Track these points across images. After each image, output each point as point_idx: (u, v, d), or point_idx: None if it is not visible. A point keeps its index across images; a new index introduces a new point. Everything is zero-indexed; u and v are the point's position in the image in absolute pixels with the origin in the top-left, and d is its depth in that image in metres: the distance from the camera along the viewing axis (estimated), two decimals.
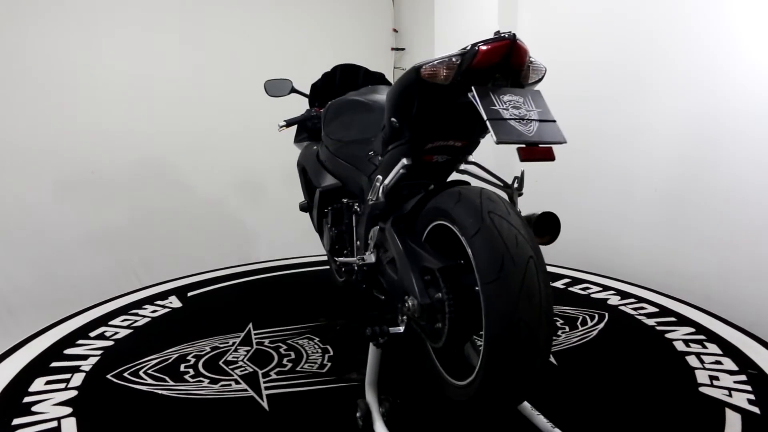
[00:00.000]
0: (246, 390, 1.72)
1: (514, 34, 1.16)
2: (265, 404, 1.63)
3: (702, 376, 1.75)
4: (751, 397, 1.61)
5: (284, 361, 1.93)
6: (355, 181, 1.92)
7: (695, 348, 1.97)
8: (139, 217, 3.48)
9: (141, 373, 1.83)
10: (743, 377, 1.73)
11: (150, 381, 1.77)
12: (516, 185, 1.52)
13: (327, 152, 2.10)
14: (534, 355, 1.15)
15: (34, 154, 3.10)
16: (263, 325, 2.26)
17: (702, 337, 2.06)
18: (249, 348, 2.04)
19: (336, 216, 2.04)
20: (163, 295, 2.64)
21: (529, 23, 3.28)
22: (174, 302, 2.55)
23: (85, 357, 1.95)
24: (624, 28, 2.86)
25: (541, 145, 1.12)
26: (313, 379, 1.80)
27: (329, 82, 2.42)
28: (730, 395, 1.63)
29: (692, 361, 1.87)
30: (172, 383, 1.76)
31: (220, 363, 1.91)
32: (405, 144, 1.53)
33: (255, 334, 2.17)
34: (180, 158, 3.64)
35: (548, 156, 1.11)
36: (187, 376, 1.80)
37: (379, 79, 2.44)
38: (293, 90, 2.46)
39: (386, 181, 1.49)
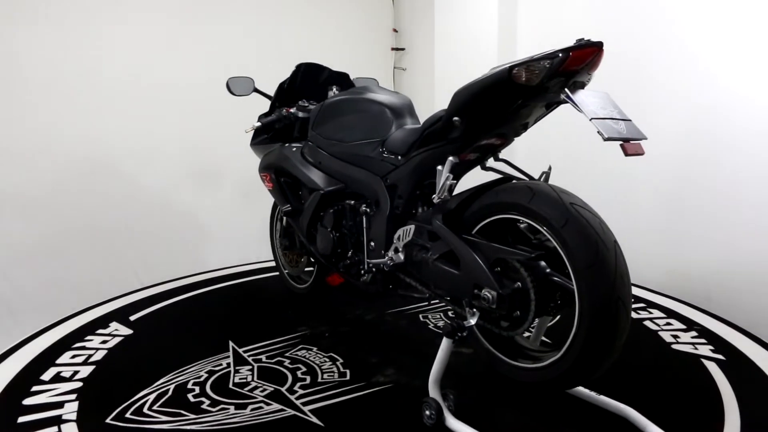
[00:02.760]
0: (284, 410, 1.60)
1: (602, 42, 1.28)
2: (315, 420, 1.54)
3: (666, 336, 2.09)
4: (711, 347, 1.97)
5: (299, 375, 1.82)
6: (363, 183, 1.89)
7: (644, 314, 2.32)
8: (138, 217, 3.41)
9: (146, 410, 1.59)
10: (695, 333, 2.11)
11: (165, 418, 1.55)
12: (543, 180, 1.66)
13: (322, 153, 2.03)
14: (625, 328, 1.29)
15: (34, 154, 3.05)
16: (244, 341, 2.08)
17: (643, 305, 2.44)
18: (249, 367, 1.88)
19: (339, 219, 1.98)
20: (102, 322, 2.28)
21: (529, 23, 3.33)
22: (120, 329, 2.22)
23: (58, 405, 1.61)
24: (624, 28, 2.83)
25: (632, 142, 1.25)
26: (344, 388, 1.73)
27: (295, 82, 2.32)
28: (696, 348, 1.97)
29: (650, 325, 2.21)
30: (193, 416, 1.56)
31: (231, 386, 1.74)
32: (450, 143, 1.57)
33: (244, 352, 2.00)
34: (180, 159, 3.57)
35: (641, 151, 1.25)
36: (204, 406, 1.61)
37: (343, 79, 2.41)
38: (255, 89, 2.32)
39: (452, 180, 1.52)
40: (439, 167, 1.59)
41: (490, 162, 1.71)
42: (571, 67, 1.29)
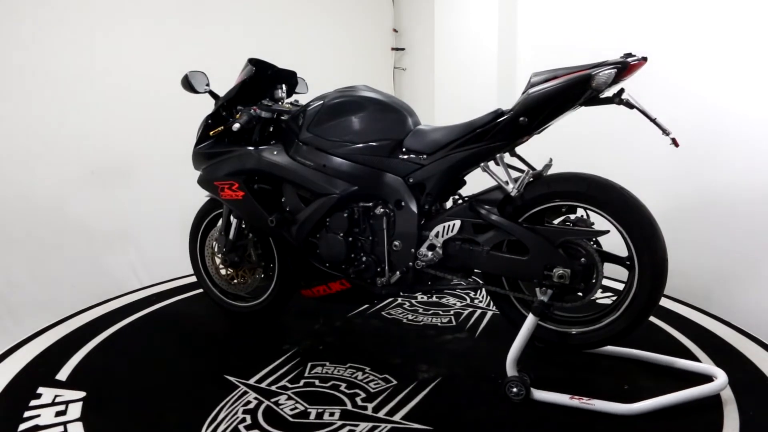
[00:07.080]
0: (377, 425, 1.51)
1: (647, 57, 1.58)
2: (418, 425, 1.51)
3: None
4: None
5: (346, 391, 1.71)
6: (380, 183, 1.87)
7: None
8: (138, 217, 3.33)
9: None
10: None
11: None
12: (545, 171, 1.91)
13: (324, 155, 1.90)
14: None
15: (33, 154, 2.99)
16: (240, 372, 1.83)
17: None
18: (286, 396, 1.68)
19: (351, 222, 1.90)
20: (26, 391, 1.69)
21: (529, 24, 3.34)
22: (63, 393, 1.69)
23: None
24: (624, 28, 2.83)
25: (671, 135, 1.59)
26: (404, 391, 1.70)
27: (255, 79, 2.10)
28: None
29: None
30: None
31: (292, 420, 1.54)
32: (497, 141, 1.70)
33: (257, 383, 1.76)
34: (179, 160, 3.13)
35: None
36: None
37: (291, 77, 2.26)
38: (208, 89, 2.04)
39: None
40: (483, 164, 1.73)
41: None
42: (625, 76, 1.56)
